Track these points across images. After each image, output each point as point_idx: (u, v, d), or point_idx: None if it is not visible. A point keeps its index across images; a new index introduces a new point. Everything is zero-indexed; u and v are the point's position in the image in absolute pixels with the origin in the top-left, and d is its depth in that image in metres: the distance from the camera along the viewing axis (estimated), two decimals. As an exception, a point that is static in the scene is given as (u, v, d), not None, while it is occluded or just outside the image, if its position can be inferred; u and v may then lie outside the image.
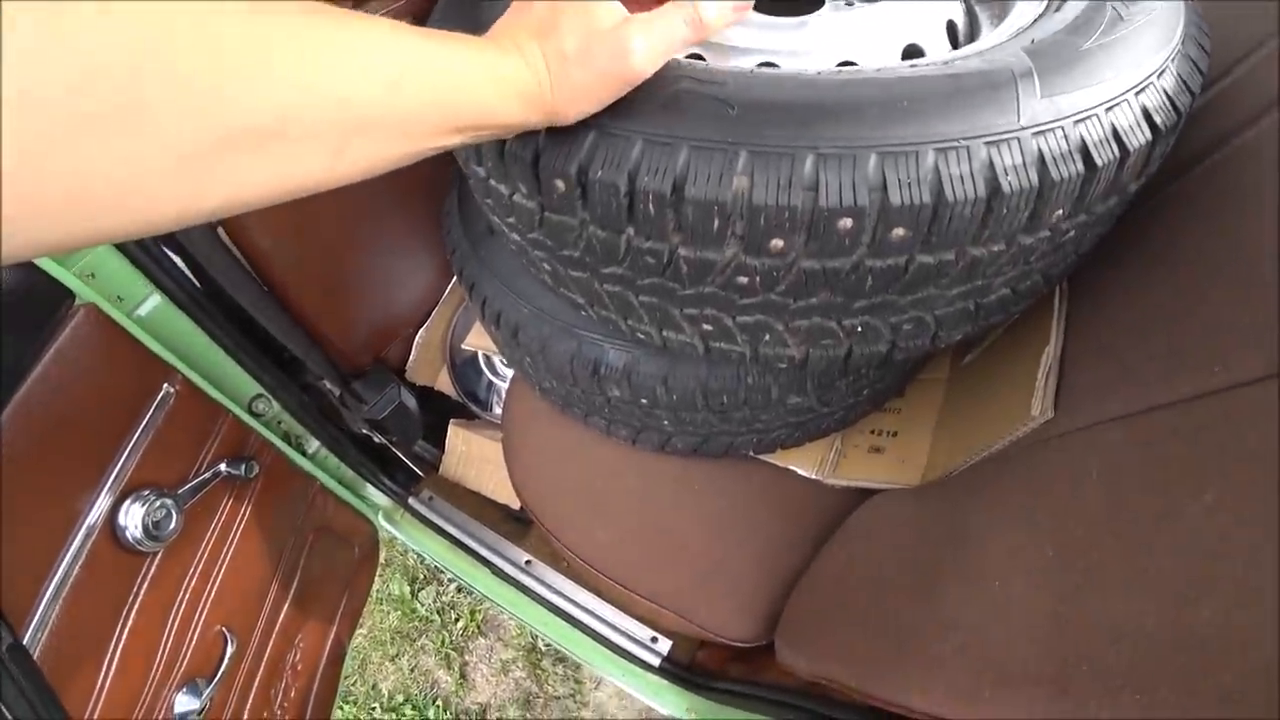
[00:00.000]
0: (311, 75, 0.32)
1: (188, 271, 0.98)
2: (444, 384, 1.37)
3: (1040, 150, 0.46)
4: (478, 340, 1.16)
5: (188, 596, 0.83)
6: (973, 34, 0.72)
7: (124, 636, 0.75)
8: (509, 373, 1.29)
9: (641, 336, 0.65)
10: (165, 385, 0.85)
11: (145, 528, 0.78)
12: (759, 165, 0.45)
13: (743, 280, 0.52)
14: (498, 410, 1.33)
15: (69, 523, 0.73)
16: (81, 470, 0.75)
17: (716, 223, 0.47)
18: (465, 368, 1.34)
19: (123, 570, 0.76)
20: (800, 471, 0.93)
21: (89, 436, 0.76)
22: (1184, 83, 0.53)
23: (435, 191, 1.14)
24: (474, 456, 1.29)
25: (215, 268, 0.94)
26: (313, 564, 1.07)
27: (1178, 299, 0.57)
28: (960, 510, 0.62)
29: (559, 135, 0.49)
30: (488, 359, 1.36)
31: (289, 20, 0.32)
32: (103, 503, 0.75)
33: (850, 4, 0.73)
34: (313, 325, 1.13)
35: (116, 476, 0.76)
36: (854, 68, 0.52)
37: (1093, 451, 0.53)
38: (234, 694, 0.89)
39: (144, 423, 0.81)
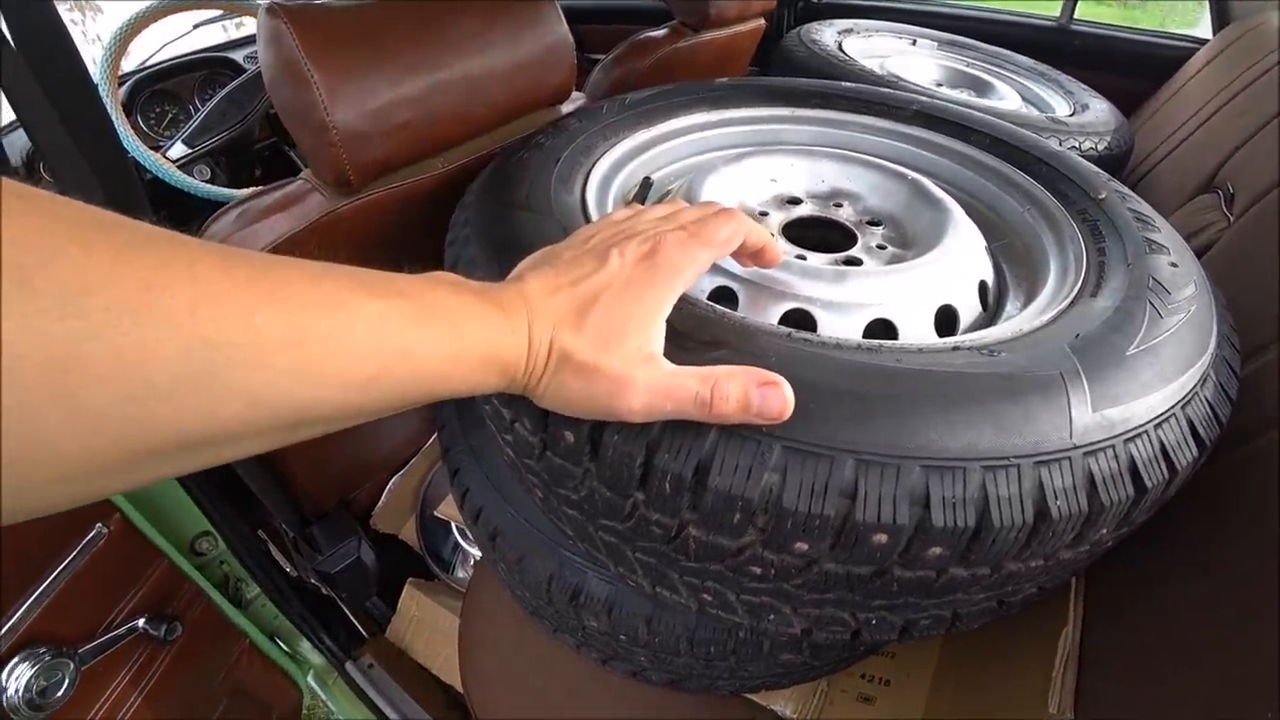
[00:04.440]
0: (267, 388, 0.26)
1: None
2: (409, 534, 1.28)
3: (1091, 471, 0.43)
4: (451, 511, 1.08)
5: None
6: (999, 292, 0.71)
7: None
8: (479, 536, 1.20)
9: (631, 586, 0.59)
10: (99, 525, 0.77)
11: (29, 694, 0.66)
12: (793, 464, 0.41)
13: (755, 569, 0.47)
14: (461, 574, 1.24)
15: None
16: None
17: (738, 517, 0.43)
18: (433, 524, 1.25)
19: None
20: (782, 713, 0.84)
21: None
22: (1223, 390, 0.51)
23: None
24: (426, 624, 1.18)
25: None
26: (221, 734, 0.94)
27: (1208, 605, 0.52)
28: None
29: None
30: (459, 520, 1.27)
31: (250, 310, 0.25)
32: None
33: (883, 247, 0.73)
34: (278, 458, 1.05)
35: (10, 628, 0.66)
36: (896, 349, 0.49)
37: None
38: None
39: (62, 566, 0.72)
